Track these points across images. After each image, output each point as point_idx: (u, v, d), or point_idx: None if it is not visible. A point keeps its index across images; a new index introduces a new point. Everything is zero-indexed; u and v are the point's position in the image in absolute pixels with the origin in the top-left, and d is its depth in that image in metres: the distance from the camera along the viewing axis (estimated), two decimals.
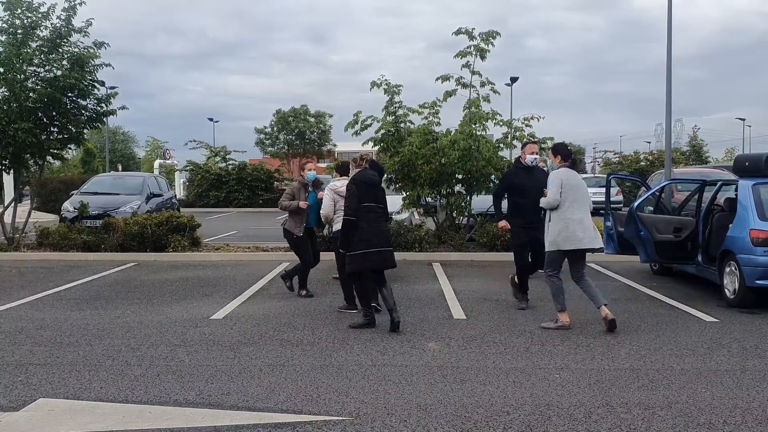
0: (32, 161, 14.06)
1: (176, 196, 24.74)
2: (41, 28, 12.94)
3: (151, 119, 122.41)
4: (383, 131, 13.41)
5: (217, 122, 56.60)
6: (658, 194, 10.18)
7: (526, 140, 11.52)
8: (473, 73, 13.27)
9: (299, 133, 55.16)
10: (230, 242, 14.78)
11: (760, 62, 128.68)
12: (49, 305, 8.43)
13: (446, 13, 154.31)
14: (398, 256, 11.56)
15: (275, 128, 55.92)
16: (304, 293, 8.83)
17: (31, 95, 12.85)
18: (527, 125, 13.39)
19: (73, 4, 13.02)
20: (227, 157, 34.78)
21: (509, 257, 11.26)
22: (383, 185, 8.51)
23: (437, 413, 4.59)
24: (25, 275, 10.94)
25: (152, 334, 6.87)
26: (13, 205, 14.07)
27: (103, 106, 13.85)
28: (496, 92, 13.53)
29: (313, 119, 55.81)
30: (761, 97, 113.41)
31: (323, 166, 51.50)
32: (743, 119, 62.92)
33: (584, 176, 28.42)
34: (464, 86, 13.36)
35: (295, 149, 55.76)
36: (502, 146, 13.60)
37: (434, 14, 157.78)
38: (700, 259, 9.00)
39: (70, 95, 13.17)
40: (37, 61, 12.88)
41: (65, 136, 13.72)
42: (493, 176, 13.07)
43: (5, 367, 5.71)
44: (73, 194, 16.81)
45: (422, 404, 4.77)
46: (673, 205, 11.63)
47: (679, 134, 65.69)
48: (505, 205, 8.21)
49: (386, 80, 13.42)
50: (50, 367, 5.71)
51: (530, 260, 8.16)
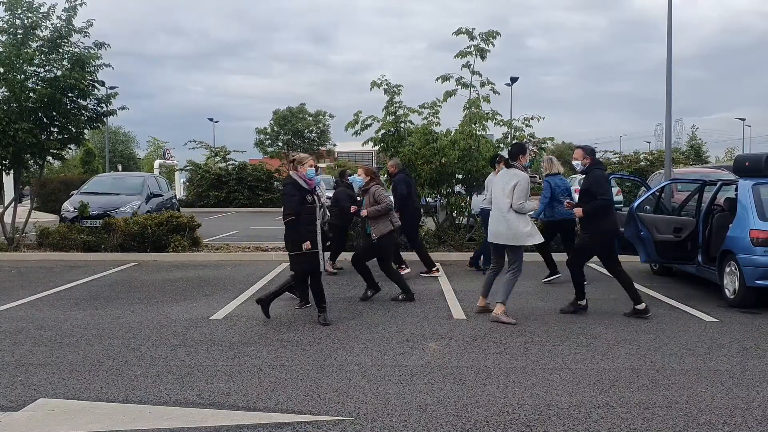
0: (32, 161, 14.07)
1: (176, 196, 24.74)
2: (42, 28, 12.94)
3: (151, 119, 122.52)
4: (383, 131, 13.42)
5: (217, 122, 56.71)
6: (658, 194, 10.19)
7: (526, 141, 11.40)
8: (473, 73, 13.27)
9: (297, 132, 55.19)
10: (230, 242, 14.79)
11: (760, 62, 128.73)
12: (49, 305, 8.43)
13: (447, 13, 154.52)
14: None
15: (274, 128, 56.01)
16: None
17: (31, 95, 12.85)
18: (527, 125, 13.41)
19: (73, 4, 13.02)
20: (227, 157, 34.78)
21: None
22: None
23: (437, 413, 4.59)
24: (25, 275, 10.94)
25: (152, 334, 6.87)
26: (13, 205, 14.07)
27: (103, 106, 13.86)
28: (496, 92, 13.53)
29: (311, 118, 55.86)
30: (761, 97, 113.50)
31: (323, 165, 51.51)
32: (743, 119, 63.02)
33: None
34: (464, 86, 13.36)
35: (294, 149, 55.79)
36: (502, 146, 13.59)
37: (435, 14, 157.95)
38: (700, 259, 9.00)
39: (70, 95, 13.17)
40: (37, 61, 12.88)
41: (65, 136, 13.73)
42: None
43: (5, 367, 5.71)
44: (73, 194, 16.80)
45: (422, 404, 4.77)
46: (673, 205, 11.63)
47: (679, 134, 65.73)
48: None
49: (386, 80, 13.43)
50: (50, 367, 5.71)
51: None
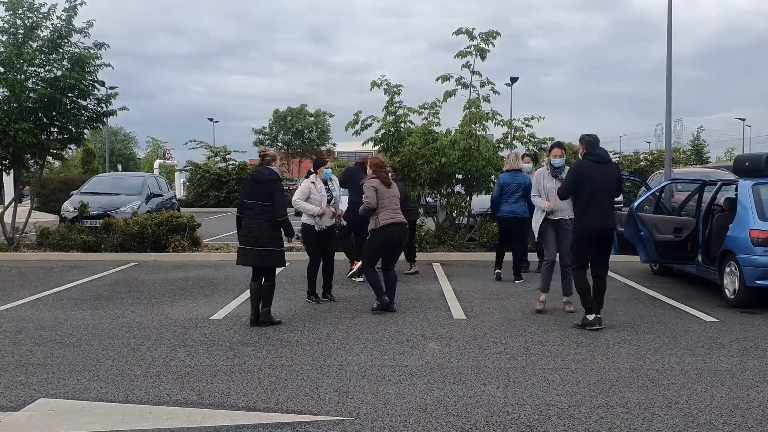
0: (32, 161, 14.08)
1: (176, 196, 24.74)
2: (42, 28, 12.95)
3: (151, 119, 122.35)
4: (383, 131, 13.41)
5: (217, 122, 56.64)
6: (658, 194, 10.19)
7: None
8: (473, 73, 13.27)
9: (297, 132, 55.16)
10: (230, 242, 14.77)
11: (760, 62, 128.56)
12: (49, 305, 8.43)
13: (447, 13, 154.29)
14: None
15: (273, 128, 55.96)
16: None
17: (31, 95, 12.85)
18: (527, 125, 13.41)
19: (73, 4, 13.02)
20: (227, 157, 34.81)
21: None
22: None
23: (437, 413, 4.59)
24: (25, 275, 10.94)
25: (152, 334, 6.87)
26: (13, 205, 14.07)
27: (103, 106, 13.85)
28: (496, 92, 13.53)
29: (312, 118, 55.84)
30: (761, 97, 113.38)
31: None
32: (743, 119, 63.01)
33: None
34: (464, 86, 13.36)
35: (293, 149, 55.79)
36: (502, 146, 13.60)
37: (435, 14, 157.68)
38: (700, 259, 9.00)
39: (70, 95, 13.16)
40: (37, 61, 12.87)
41: (65, 136, 13.73)
42: (492, 176, 13.07)
43: (5, 367, 5.71)
44: (73, 194, 16.80)
45: (422, 404, 4.77)
46: (673, 205, 11.63)
47: (679, 134, 65.58)
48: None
49: (386, 80, 13.42)
50: (50, 367, 5.71)
51: None
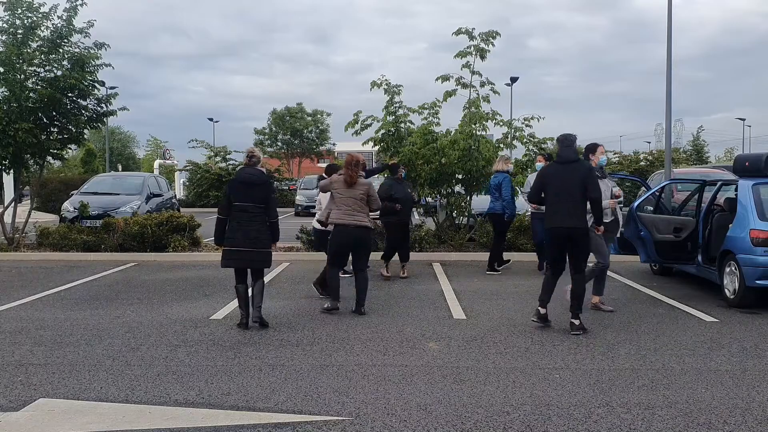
0: (32, 161, 14.07)
1: (176, 196, 24.74)
2: (42, 28, 12.95)
3: (152, 119, 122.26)
4: (383, 131, 13.42)
5: (217, 122, 56.62)
6: (658, 194, 10.19)
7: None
8: (473, 73, 13.27)
9: (295, 131, 55.09)
10: None
11: (760, 62, 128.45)
12: (49, 305, 8.43)
13: (448, 13, 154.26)
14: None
15: (272, 128, 55.92)
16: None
17: (31, 95, 12.85)
18: (527, 125, 13.42)
19: (74, 4, 13.02)
20: (227, 156, 34.80)
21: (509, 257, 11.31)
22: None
23: (437, 413, 4.59)
24: (25, 275, 10.94)
25: (152, 334, 6.87)
26: (13, 205, 14.08)
27: (103, 106, 13.87)
28: (496, 92, 13.53)
29: (309, 117, 55.78)
30: (761, 97, 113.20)
31: (323, 166, 51.46)
32: (743, 119, 62.96)
33: None
34: (464, 86, 13.36)
35: (293, 149, 55.74)
36: (502, 146, 13.60)
37: (436, 15, 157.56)
38: (700, 259, 9.00)
39: (70, 95, 13.17)
40: (37, 61, 12.88)
41: (65, 136, 13.74)
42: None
43: (5, 367, 5.71)
44: (73, 194, 16.81)
45: (422, 404, 4.77)
46: (673, 205, 11.63)
47: (679, 134, 65.61)
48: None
49: (386, 80, 13.44)
50: (50, 367, 5.71)
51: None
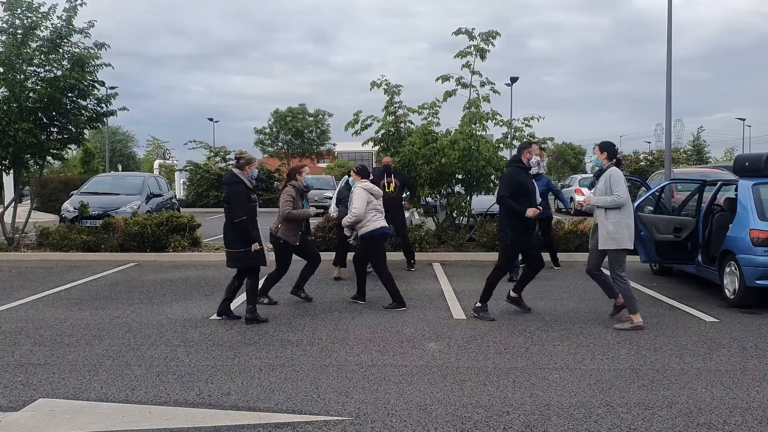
0: (32, 161, 14.07)
1: (176, 196, 24.73)
2: (41, 28, 12.95)
3: (152, 119, 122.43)
4: (383, 131, 13.43)
5: (217, 122, 56.66)
6: (658, 194, 10.19)
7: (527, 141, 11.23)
8: (473, 73, 13.29)
9: (297, 132, 55.15)
10: None
11: (760, 62, 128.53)
12: (49, 305, 8.43)
13: (448, 13, 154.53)
14: (398, 256, 11.64)
15: (273, 128, 55.94)
16: (266, 301, 8.28)
17: (31, 95, 12.85)
18: (527, 125, 13.41)
19: (73, 4, 13.02)
20: (227, 157, 34.81)
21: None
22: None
23: (437, 413, 4.59)
24: (25, 275, 10.94)
25: (152, 334, 6.87)
26: (13, 205, 14.08)
27: (103, 106, 13.86)
28: (496, 92, 13.54)
29: (311, 118, 55.82)
30: (761, 97, 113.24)
31: (323, 166, 51.49)
32: (743, 119, 62.97)
33: (584, 176, 28.56)
34: (464, 86, 13.37)
35: (294, 149, 55.76)
36: (502, 146, 13.61)
37: (436, 15, 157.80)
38: (700, 259, 9.00)
39: (70, 95, 13.16)
40: (37, 61, 12.88)
41: (65, 136, 13.74)
42: (492, 176, 13.08)
43: (5, 367, 5.71)
44: (73, 194, 16.81)
45: (422, 404, 4.77)
46: (673, 205, 11.63)
47: (679, 134, 65.61)
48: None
49: (386, 80, 13.45)
50: (50, 367, 5.71)
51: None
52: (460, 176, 13.28)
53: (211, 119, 56.94)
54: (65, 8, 12.99)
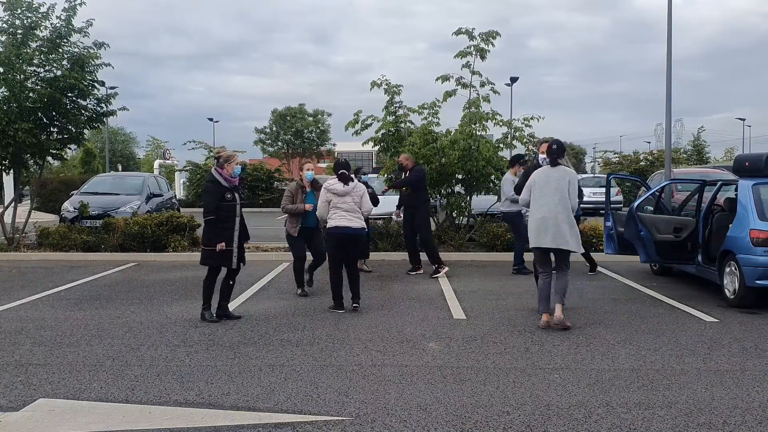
0: (32, 161, 14.07)
1: (176, 196, 24.73)
2: (41, 28, 12.95)
3: (152, 119, 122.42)
4: (383, 131, 13.43)
5: (217, 122, 56.62)
6: (658, 194, 10.19)
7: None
8: (473, 73, 13.29)
9: (297, 132, 55.19)
10: None
11: (760, 62, 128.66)
12: (49, 305, 8.43)
13: (448, 13, 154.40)
14: (398, 256, 11.65)
15: (274, 127, 55.99)
16: (300, 292, 8.86)
17: (30, 95, 12.85)
18: (527, 125, 13.41)
19: (73, 4, 13.03)
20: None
21: (509, 257, 11.29)
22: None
23: (437, 413, 4.59)
24: (25, 275, 10.94)
25: (152, 334, 6.87)
26: (13, 205, 14.08)
27: (103, 106, 13.87)
28: (496, 92, 13.54)
29: (311, 118, 55.86)
30: (761, 97, 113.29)
31: (323, 166, 51.53)
32: (743, 119, 62.96)
33: (584, 176, 28.55)
34: (464, 86, 13.37)
35: (294, 149, 55.80)
36: (501, 146, 13.61)
37: (436, 15, 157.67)
38: (700, 259, 9.00)
39: (70, 95, 13.17)
40: (36, 61, 12.88)
41: (65, 136, 13.74)
42: (492, 176, 13.07)
43: (5, 367, 5.71)
44: (73, 194, 16.80)
45: (422, 404, 4.77)
46: (673, 205, 11.63)
47: (679, 134, 65.58)
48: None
49: (386, 80, 13.45)
50: (50, 367, 5.71)
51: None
52: (460, 176, 13.27)
53: (211, 119, 56.93)
54: (64, 8, 13.00)
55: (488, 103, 13.31)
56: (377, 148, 14.03)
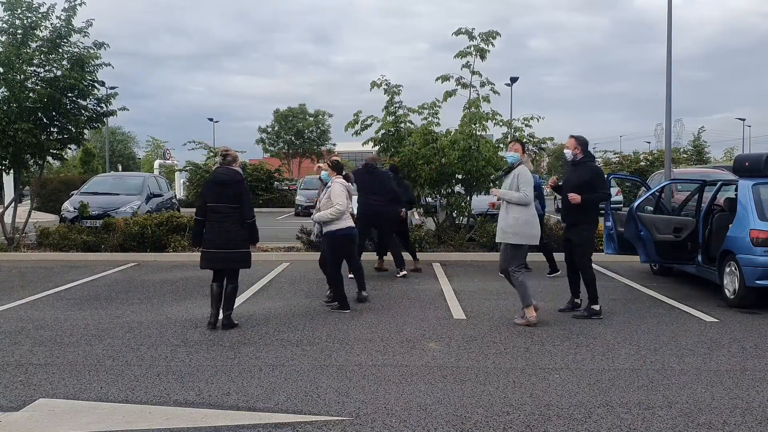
0: (32, 161, 14.06)
1: (176, 196, 24.73)
2: (41, 28, 12.95)
3: (152, 119, 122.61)
4: (383, 131, 13.43)
5: (217, 122, 56.58)
6: (658, 194, 10.19)
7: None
8: (473, 73, 13.31)
9: (298, 132, 55.26)
10: None
11: (760, 62, 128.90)
12: (49, 305, 8.43)
13: (448, 13, 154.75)
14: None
15: (275, 127, 56.04)
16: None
17: (30, 95, 12.85)
18: (527, 125, 13.43)
19: (73, 4, 13.03)
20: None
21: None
22: None
23: (437, 413, 4.59)
24: (25, 275, 10.94)
25: (152, 334, 6.87)
26: (13, 205, 14.08)
27: (103, 106, 13.86)
28: (495, 92, 13.55)
29: (311, 118, 55.91)
30: (761, 97, 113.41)
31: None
32: (743, 119, 62.97)
33: None
34: (464, 86, 13.39)
35: (294, 149, 55.83)
36: (501, 146, 13.61)
37: (436, 15, 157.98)
38: (700, 259, 9.00)
39: (69, 95, 13.17)
40: (36, 61, 12.88)
41: (65, 136, 13.74)
42: (492, 176, 13.08)
43: (5, 367, 5.71)
44: (73, 194, 16.80)
45: (422, 404, 4.77)
46: (673, 205, 11.63)
47: (679, 134, 65.61)
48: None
49: (386, 80, 13.46)
50: (50, 367, 5.71)
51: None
52: (460, 176, 13.28)
53: (211, 119, 56.89)
54: (64, 8, 13.00)
55: (488, 103, 13.34)
56: (377, 148, 14.03)
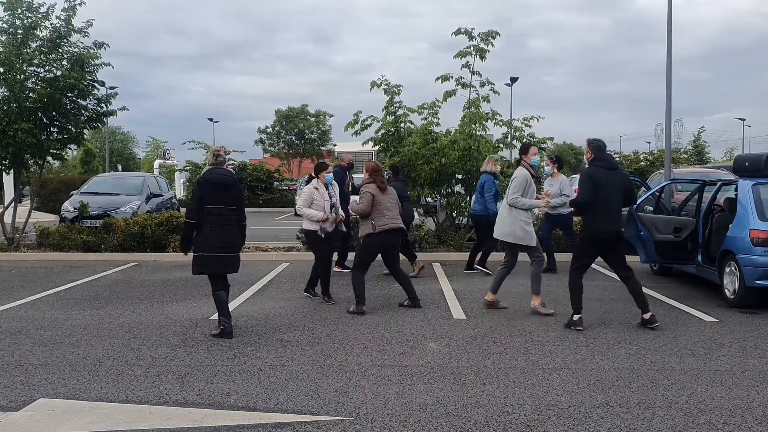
0: (32, 161, 14.08)
1: (176, 196, 24.73)
2: (41, 28, 12.96)
3: (152, 119, 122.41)
4: (383, 131, 13.44)
5: (217, 122, 56.60)
6: (658, 194, 10.19)
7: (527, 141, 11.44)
8: (473, 73, 13.31)
9: (299, 132, 55.32)
10: None
11: (760, 62, 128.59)
12: (49, 305, 8.43)
13: (448, 13, 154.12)
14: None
15: (276, 127, 56.09)
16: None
17: (30, 95, 12.86)
18: (527, 125, 13.43)
19: (73, 4, 13.04)
20: (227, 157, 34.79)
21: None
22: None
23: (437, 413, 4.59)
24: (25, 275, 10.94)
25: (152, 334, 6.87)
26: (13, 205, 14.08)
27: (103, 106, 13.87)
28: (495, 92, 13.56)
29: (312, 119, 55.95)
30: (761, 97, 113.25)
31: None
32: (743, 119, 63.00)
33: None
34: (464, 86, 13.39)
35: (295, 149, 55.87)
36: (501, 146, 13.62)
37: (436, 15, 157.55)
38: (700, 259, 9.00)
39: (69, 95, 13.18)
40: (36, 61, 12.89)
41: (65, 136, 13.75)
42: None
43: (5, 367, 5.71)
44: (73, 194, 16.80)
45: (422, 404, 4.77)
46: (673, 205, 11.63)
47: (679, 134, 65.65)
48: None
49: (386, 80, 13.46)
50: (50, 367, 5.71)
51: None
52: (460, 176, 13.29)
53: (211, 119, 56.92)
54: (64, 8, 13.00)
55: (488, 103, 13.35)
56: (377, 148, 14.04)
